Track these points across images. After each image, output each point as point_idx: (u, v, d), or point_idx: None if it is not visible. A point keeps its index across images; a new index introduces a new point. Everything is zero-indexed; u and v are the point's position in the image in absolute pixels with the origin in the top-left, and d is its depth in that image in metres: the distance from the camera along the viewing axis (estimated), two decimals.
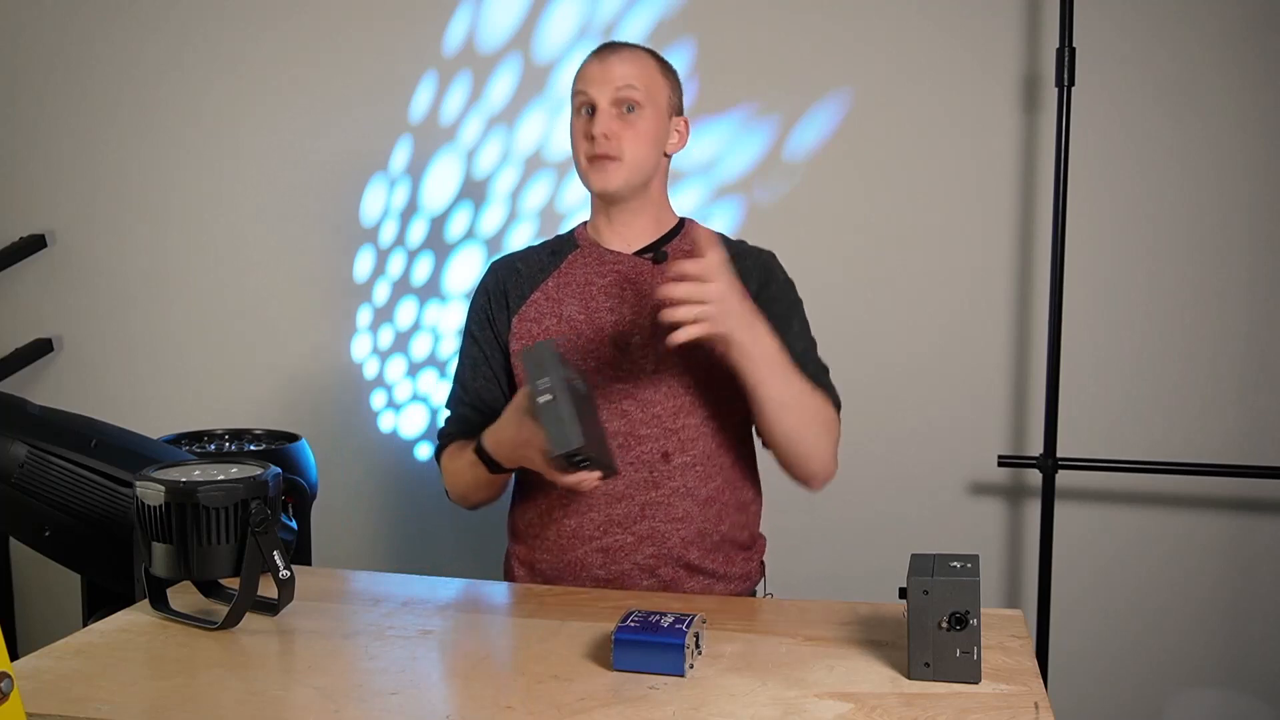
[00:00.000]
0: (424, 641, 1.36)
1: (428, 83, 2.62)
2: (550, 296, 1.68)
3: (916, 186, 2.41)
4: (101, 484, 1.64)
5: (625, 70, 1.61)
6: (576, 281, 1.68)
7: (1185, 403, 2.33)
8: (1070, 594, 2.36)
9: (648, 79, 1.63)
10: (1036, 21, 2.32)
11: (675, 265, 1.42)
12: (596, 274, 1.68)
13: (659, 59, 1.68)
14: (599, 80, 1.61)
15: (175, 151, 2.79)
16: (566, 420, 1.31)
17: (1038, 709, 1.14)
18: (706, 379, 1.60)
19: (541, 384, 1.34)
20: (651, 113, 1.63)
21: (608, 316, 1.64)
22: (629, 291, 1.66)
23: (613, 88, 1.60)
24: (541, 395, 1.33)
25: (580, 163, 1.65)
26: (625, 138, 1.61)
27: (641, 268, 1.67)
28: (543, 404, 1.33)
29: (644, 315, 1.63)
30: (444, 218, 2.65)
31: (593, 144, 1.60)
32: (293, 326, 2.76)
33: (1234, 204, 2.28)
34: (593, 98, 1.61)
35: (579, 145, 1.64)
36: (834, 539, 2.47)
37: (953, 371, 2.43)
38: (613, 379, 1.61)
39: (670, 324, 1.40)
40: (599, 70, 1.62)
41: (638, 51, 1.65)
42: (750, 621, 1.42)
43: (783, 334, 1.60)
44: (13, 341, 2.88)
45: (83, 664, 1.29)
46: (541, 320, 1.67)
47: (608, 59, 1.63)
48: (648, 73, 1.64)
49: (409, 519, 2.73)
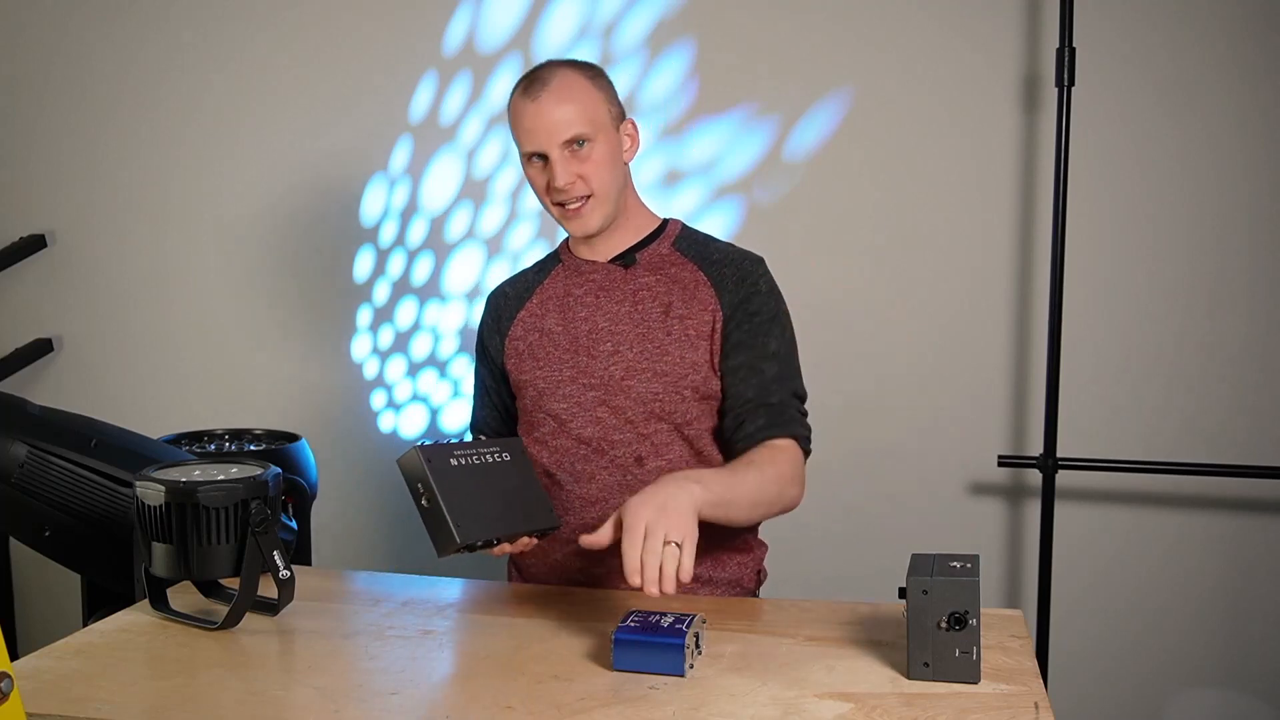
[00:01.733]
0: (424, 641, 1.36)
1: (428, 83, 2.62)
2: (533, 313, 1.70)
3: (916, 186, 2.41)
4: (101, 484, 1.64)
5: (563, 111, 1.55)
6: (557, 295, 1.69)
7: (1185, 403, 2.33)
8: (1070, 594, 2.36)
9: (586, 109, 1.56)
10: (1036, 21, 2.32)
11: (581, 540, 1.36)
12: (574, 285, 1.68)
13: (587, 73, 1.61)
14: (541, 130, 1.55)
15: (175, 152, 2.79)
16: (445, 521, 1.32)
17: (1038, 709, 1.14)
18: (676, 387, 1.60)
19: (418, 490, 1.35)
20: (602, 138, 1.58)
21: (582, 325, 1.65)
22: (602, 299, 1.66)
23: (559, 137, 1.55)
24: (420, 502, 1.35)
25: (552, 212, 1.63)
26: (587, 173, 1.57)
27: (613, 274, 1.67)
28: (422, 510, 1.35)
29: (615, 322, 1.64)
30: (444, 218, 2.65)
31: (557, 193, 1.58)
32: (293, 326, 2.76)
33: (1234, 204, 2.28)
34: (541, 149, 1.57)
35: (543, 196, 1.61)
36: (834, 539, 2.47)
37: (953, 371, 2.42)
38: (586, 386, 1.62)
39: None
40: (538, 120, 1.55)
41: (567, 79, 1.57)
42: (750, 621, 1.42)
43: (756, 354, 1.60)
44: (13, 341, 2.88)
45: (83, 664, 1.29)
46: (527, 337, 1.68)
47: (540, 99, 1.55)
48: (585, 101, 1.57)
49: (409, 519, 2.71)
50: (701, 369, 1.60)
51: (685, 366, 1.60)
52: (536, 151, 1.57)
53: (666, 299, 1.63)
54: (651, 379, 1.60)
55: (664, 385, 1.60)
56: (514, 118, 1.60)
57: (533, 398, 1.66)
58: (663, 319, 1.62)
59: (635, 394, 1.60)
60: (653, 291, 1.64)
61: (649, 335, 1.61)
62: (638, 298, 1.64)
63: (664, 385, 1.60)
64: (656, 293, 1.64)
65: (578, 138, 1.56)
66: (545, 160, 1.57)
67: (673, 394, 1.59)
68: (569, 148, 1.56)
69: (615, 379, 1.61)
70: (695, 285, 1.64)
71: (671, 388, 1.60)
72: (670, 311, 1.62)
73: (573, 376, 1.63)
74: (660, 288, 1.64)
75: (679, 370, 1.60)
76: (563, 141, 1.55)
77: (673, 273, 1.66)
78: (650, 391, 1.60)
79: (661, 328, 1.61)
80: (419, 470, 1.35)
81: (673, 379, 1.60)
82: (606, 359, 1.61)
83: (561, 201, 1.59)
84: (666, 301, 1.63)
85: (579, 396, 1.62)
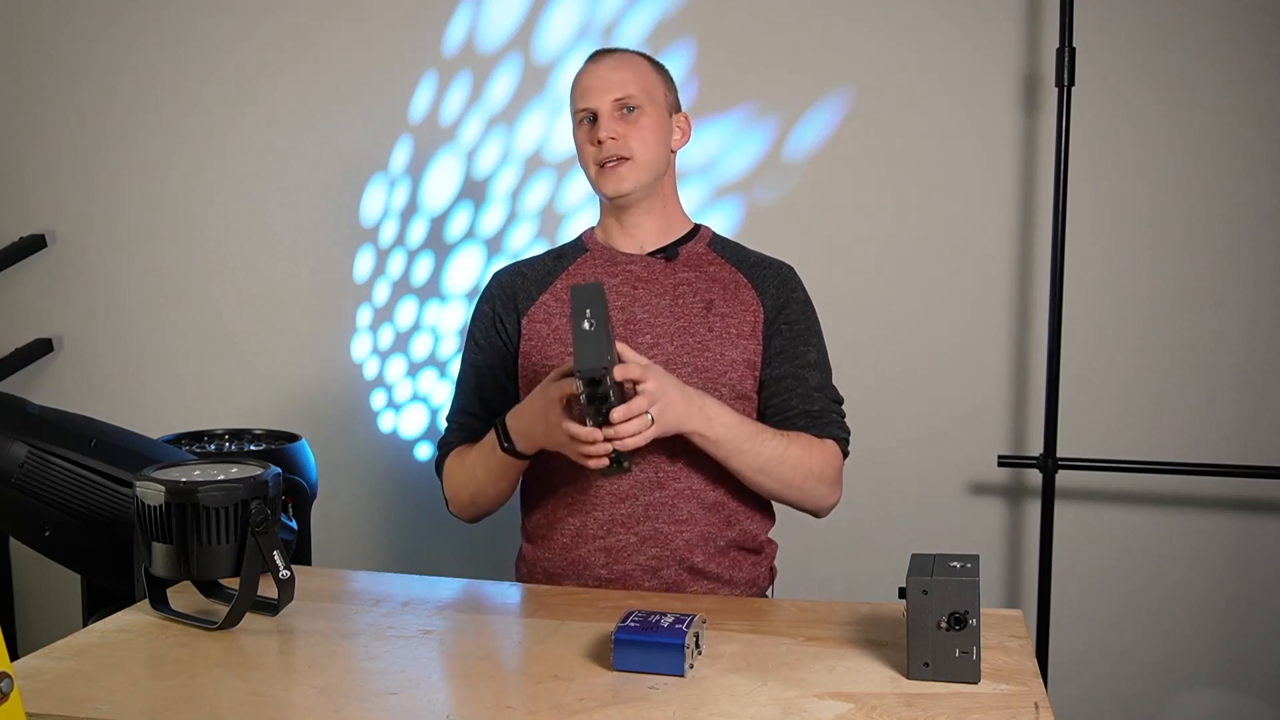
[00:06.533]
0: (424, 641, 1.36)
1: (428, 83, 2.62)
2: (559, 298, 1.68)
3: (916, 186, 2.41)
4: (101, 484, 1.64)
5: (620, 75, 1.63)
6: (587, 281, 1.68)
7: (1185, 403, 2.33)
8: (1070, 594, 2.36)
9: (643, 80, 1.65)
10: (1036, 21, 2.32)
11: (619, 369, 1.41)
12: (608, 274, 1.68)
13: (650, 60, 1.70)
14: (595, 89, 1.63)
15: (175, 151, 2.79)
16: (602, 344, 1.33)
17: (1038, 709, 1.15)
18: (714, 383, 1.60)
19: (586, 312, 1.35)
20: (653, 110, 1.64)
21: (618, 316, 1.64)
22: (640, 291, 1.66)
23: (611, 94, 1.62)
24: (585, 323, 1.35)
25: (590, 171, 1.65)
26: (631, 136, 1.62)
27: (654, 267, 1.67)
28: (583, 329, 1.35)
29: (654, 314, 1.63)
30: (444, 218, 2.65)
31: (600, 149, 1.61)
32: (293, 326, 2.76)
33: (1234, 204, 2.28)
34: (592, 106, 1.62)
35: (586, 153, 1.65)
36: (834, 539, 2.46)
37: (953, 371, 2.42)
38: None
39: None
40: (594, 79, 1.64)
41: (629, 55, 1.67)
42: (750, 621, 1.42)
43: (797, 363, 1.61)
44: (13, 341, 2.87)
45: (83, 664, 1.29)
46: (551, 321, 1.67)
47: (600, 67, 1.65)
48: (642, 74, 1.65)
49: (409, 519, 2.73)
50: (739, 367, 1.61)
51: (724, 364, 1.60)
52: (588, 109, 1.63)
53: (708, 296, 1.64)
54: (691, 374, 1.60)
55: (702, 381, 1.59)
56: (573, 87, 1.67)
57: None
58: (704, 315, 1.63)
59: None
60: (694, 288, 1.65)
61: (690, 330, 1.62)
62: (678, 292, 1.65)
63: (702, 381, 1.59)
64: (698, 289, 1.65)
65: (628, 101, 1.62)
66: (594, 122, 1.63)
67: (710, 391, 1.59)
68: (619, 108, 1.62)
69: None
70: (736, 286, 1.66)
71: (710, 384, 1.60)
72: (712, 309, 1.63)
73: None
74: (701, 284, 1.66)
75: (718, 367, 1.60)
76: (614, 99, 1.62)
77: (712, 271, 1.67)
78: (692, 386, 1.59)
79: (703, 323, 1.62)
80: (598, 296, 1.35)
81: (711, 375, 1.60)
82: (645, 351, 1.60)
83: (601, 161, 1.62)
84: (708, 298, 1.64)
85: None
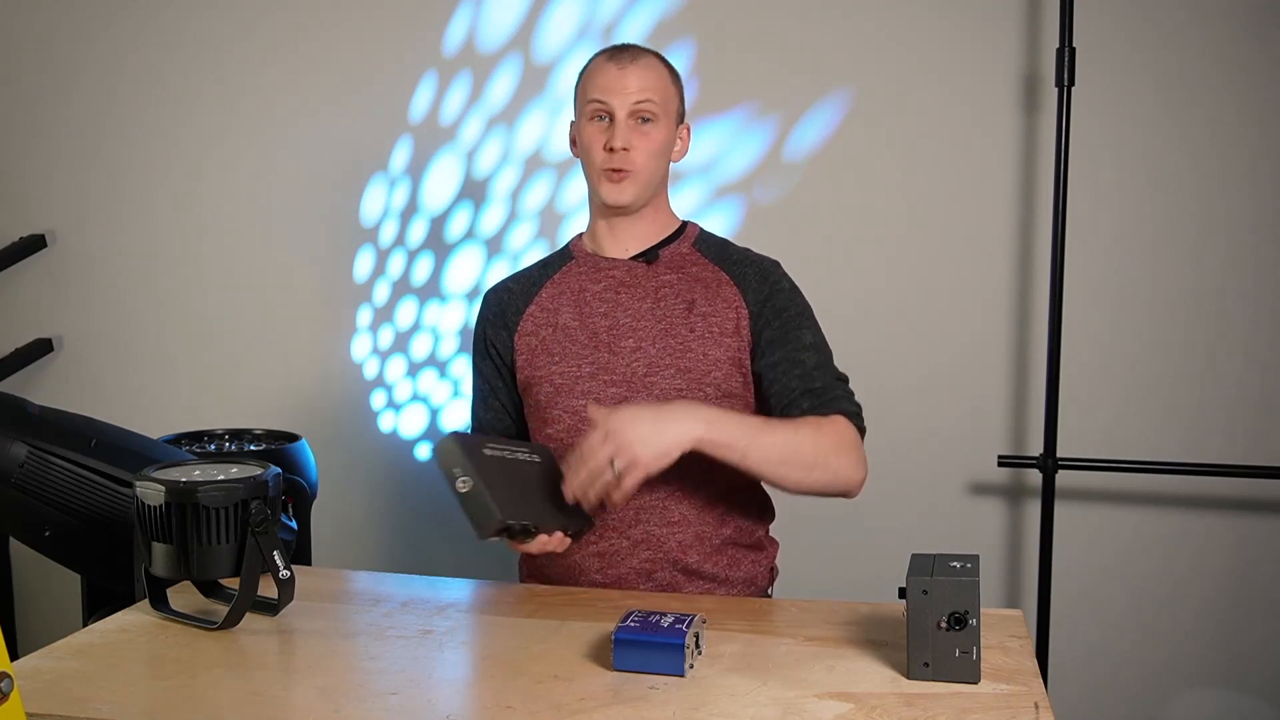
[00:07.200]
0: (424, 641, 1.36)
1: (428, 83, 2.62)
2: (545, 307, 1.69)
3: (916, 186, 2.41)
4: (101, 484, 1.64)
5: (644, 82, 1.61)
6: (571, 290, 1.68)
7: (1185, 403, 2.33)
8: (1070, 594, 2.36)
9: (663, 90, 1.63)
10: (1036, 21, 2.32)
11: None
12: (591, 280, 1.68)
13: (671, 68, 1.68)
14: (618, 90, 1.60)
15: (175, 152, 2.79)
16: (485, 501, 1.32)
17: (1038, 709, 1.14)
18: (699, 383, 1.60)
19: (455, 473, 1.35)
20: (665, 124, 1.63)
21: (601, 321, 1.64)
22: (622, 295, 1.65)
23: (632, 99, 1.60)
24: (459, 485, 1.35)
25: (593, 171, 1.64)
26: (640, 149, 1.61)
27: (636, 271, 1.67)
28: (462, 494, 1.35)
29: (636, 318, 1.63)
30: (444, 218, 2.65)
31: (610, 155, 1.60)
32: (293, 326, 2.76)
33: (1234, 204, 2.28)
34: (611, 107, 1.60)
35: (594, 153, 1.63)
36: (834, 539, 2.47)
37: (953, 371, 2.42)
38: (607, 383, 1.61)
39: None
40: (618, 79, 1.61)
41: (653, 59, 1.65)
42: (750, 621, 1.42)
43: (792, 347, 1.60)
44: (13, 341, 2.87)
45: (83, 664, 1.29)
46: (539, 333, 1.67)
47: (626, 67, 1.61)
48: (662, 83, 1.64)
49: (409, 519, 2.73)
50: (724, 365, 1.61)
51: (708, 363, 1.60)
52: (606, 108, 1.61)
53: (689, 296, 1.64)
54: (674, 375, 1.60)
55: (686, 382, 1.59)
56: (590, 77, 1.65)
57: (549, 394, 1.64)
58: (685, 315, 1.62)
59: (657, 390, 1.59)
60: (674, 289, 1.65)
61: (671, 331, 1.62)
62: (659, 294, 1.64)
63: (686, 382, 1.59)
64: (679, 290, 1.65)
65: (648, 111, 1.61)
66: (608, 121, 1.61)
67: (695, 391, 1.59)
68: (636, 117, 1.61)
69: (637, 375, 1.60)
70: (718, 284, 1.65)
71: (694, 384, 1.59)
72: (693, 309, 1.63)
73: (593, 373, 1.62)
74: (682, 285, 1.65)
75: (701, 367, 1.60)
76: (635, 104, 1.60)
77: (694, 272, 1.67)
78: (673, 388, 1.59)
79: (684, 324, 1.62)
80: (455, 454, 1.35)
81: (695, 375, 1.60)
82: (628, 355, 1.61)
83: (610, 166, 1.61)
84: (689, 299, 1.64)
85: (599, 393, 1.61)
